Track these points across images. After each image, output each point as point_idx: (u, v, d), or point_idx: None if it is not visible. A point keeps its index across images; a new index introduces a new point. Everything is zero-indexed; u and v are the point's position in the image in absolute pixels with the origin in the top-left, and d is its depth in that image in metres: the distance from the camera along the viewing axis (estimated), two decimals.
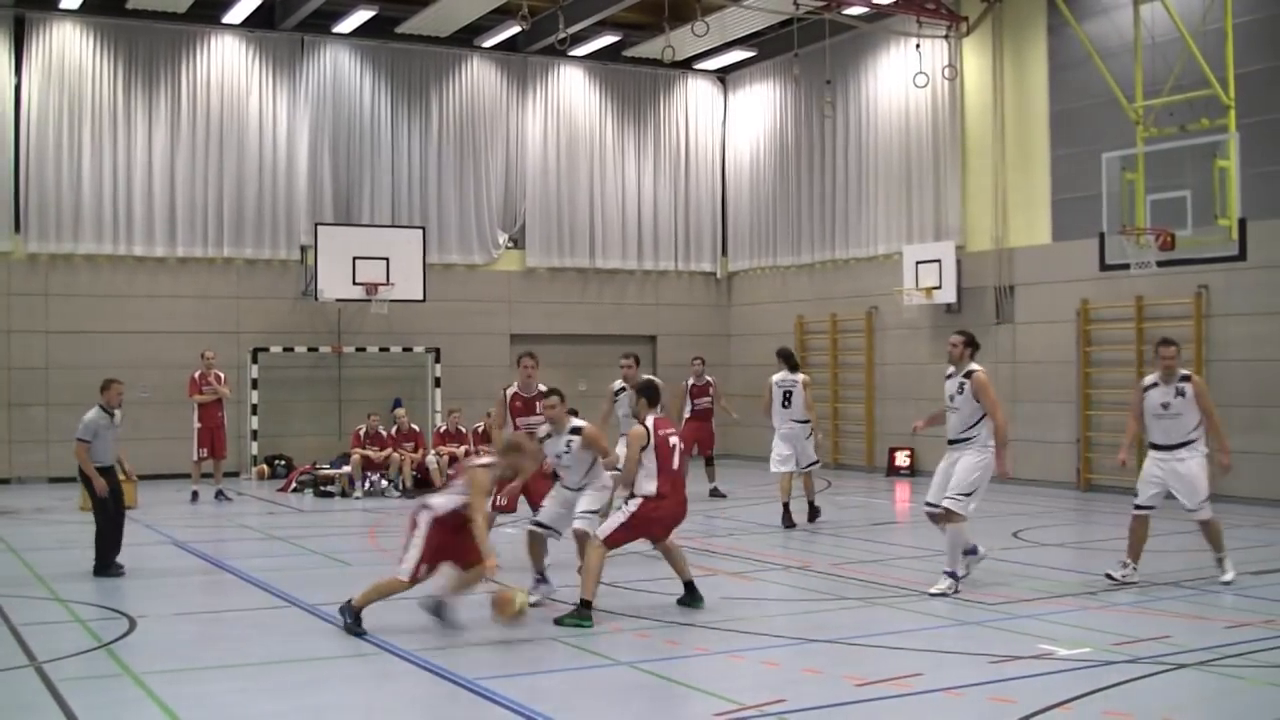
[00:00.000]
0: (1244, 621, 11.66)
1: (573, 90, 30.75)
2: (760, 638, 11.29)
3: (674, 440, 12.48)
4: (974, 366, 13.60)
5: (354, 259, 26.25)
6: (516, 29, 26.37)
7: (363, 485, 23.59)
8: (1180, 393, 13.63)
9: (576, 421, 13.17)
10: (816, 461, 19.39)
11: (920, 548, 16.46)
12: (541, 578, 12.99)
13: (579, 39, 28.56)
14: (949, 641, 11.17)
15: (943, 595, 13.07)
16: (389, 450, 23.92)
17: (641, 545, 13.24)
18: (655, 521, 12.40)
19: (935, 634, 11.45)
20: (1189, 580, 13.89)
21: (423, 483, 23.45)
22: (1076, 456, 23.63)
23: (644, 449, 12.26)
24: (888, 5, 25.32)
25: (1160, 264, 19.13)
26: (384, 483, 23.68)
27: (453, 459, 23.84)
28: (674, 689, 9.62)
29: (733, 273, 32.46)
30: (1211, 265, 20.01)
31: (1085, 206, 21.87)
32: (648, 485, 12.23)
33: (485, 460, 12.03)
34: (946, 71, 25.72)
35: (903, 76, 26.84)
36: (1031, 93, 24.73)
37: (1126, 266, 19.56)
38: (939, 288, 25.58)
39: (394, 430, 24.39)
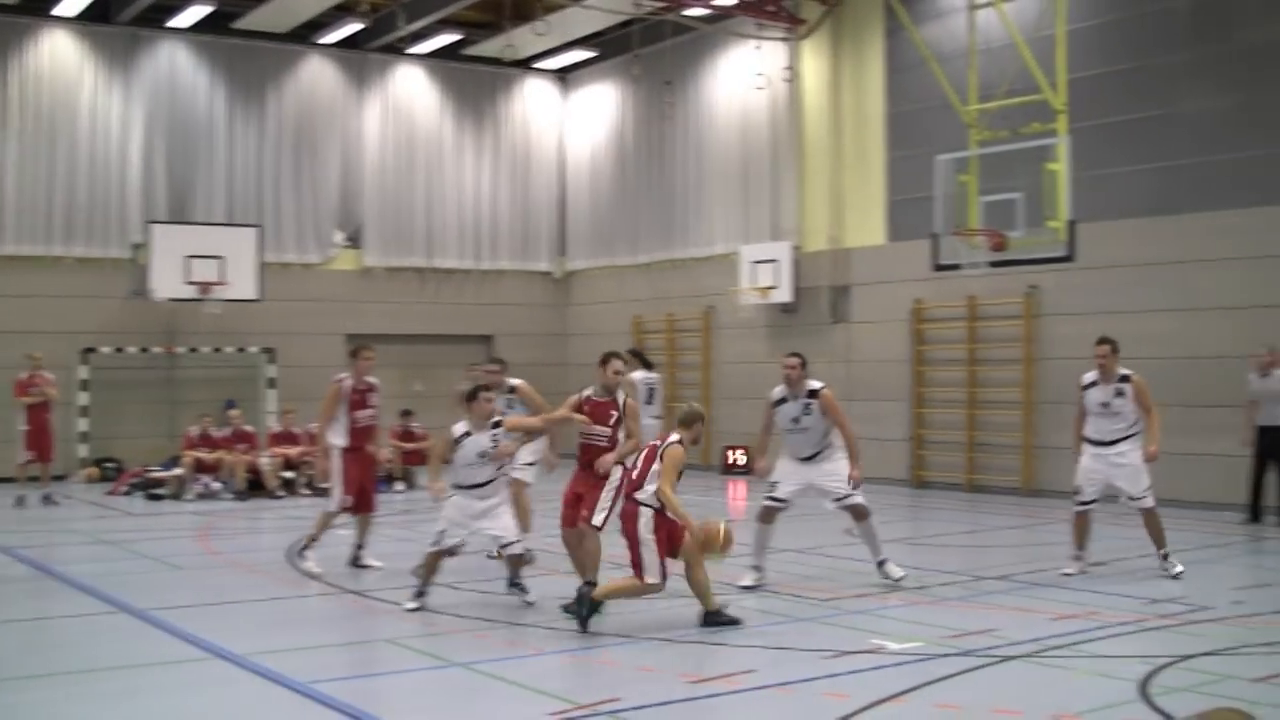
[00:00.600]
0: (1068, 614, 11.84)
1: (412, 88, 30.46)
2: (595, 637, 11.20)
3: None
4: (815, 384, 13.93)
5: (188, 257, 25.71)
6: (356, 26, 26.08)
7: (195, 488, 23.13)
8: (1120, 393, 13.92)
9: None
10: None
11: (751, 545, 16.53)
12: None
13: (419, 37, 28.33)
14: (782, 638, 11.20)
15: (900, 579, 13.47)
16: (222, 452, 23.47)
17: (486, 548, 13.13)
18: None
19: (769, 631, 11.47)
20: (1016, 575, 14.09)
21: (256, 485, 23.08)
22: (909, 454, 23.94)
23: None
24: (727, 7, 25.46)
25: (992, 264, 19.42)
26: (217, 485, 23.23)
27: (288, 461, 23.54)
28: (509, 689, 9.51)
29: (570, 272, 32.41)
30: (1042, 266, 20.36)
31: (919, 208, 22.15)
32: None
33: (674, 437, 11.83)
34: (785, 74, 25.92)
35: (742, 78, 27.00)
36: (868, 95, 25.01)
37: (959, 267, 19.82)
38: (775, 287, 25.76)
39: (228, 432, 23.95)
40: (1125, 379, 13.91)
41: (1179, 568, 13.76)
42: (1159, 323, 20.25)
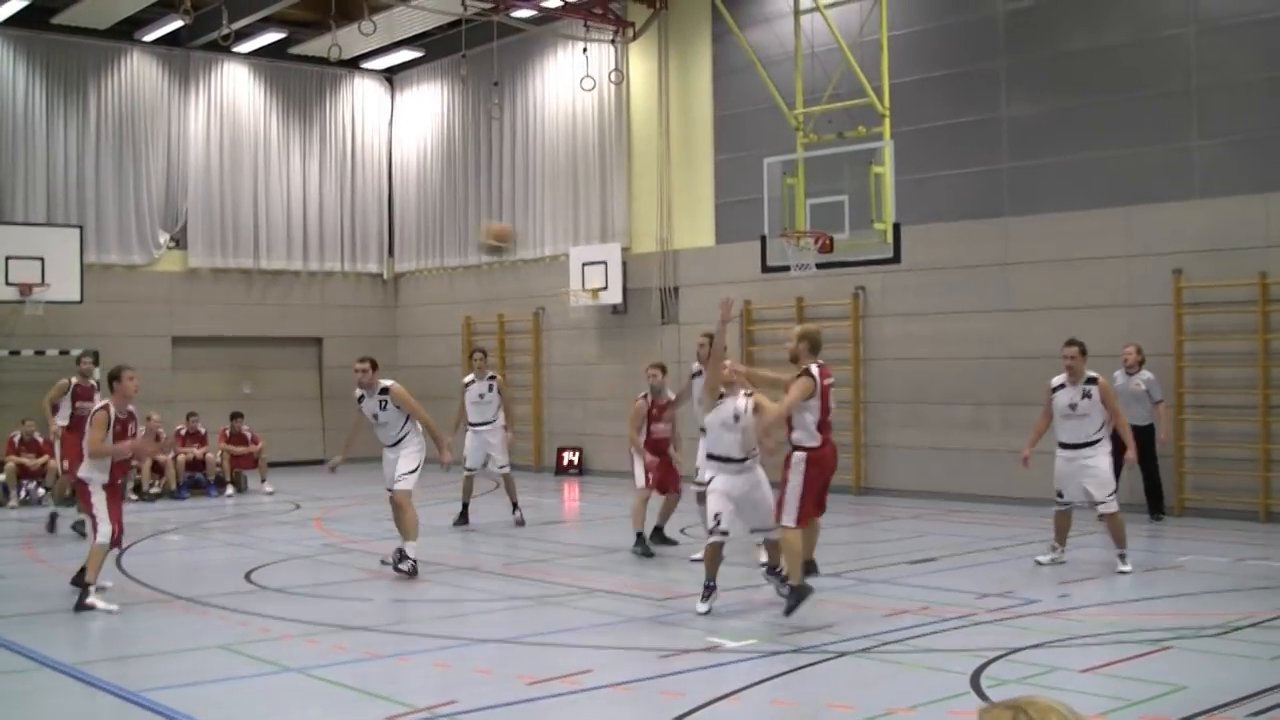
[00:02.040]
0: (901, 609, 12.04)
1: (237, 87, 30.00)
2: (431, 639, 11.16)
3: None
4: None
5: (6, 258, 25.05)
6: (179, 23, 25.57)
7: (18, 494, 22.54)
8: (1087, 394, 14.14)
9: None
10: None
11: (590, 546, 16.62)
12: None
13: (243, 35, 27.88)
14: (619, 638, 11.23)
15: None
16: (46, 457, 22.89)
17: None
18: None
19: (605, 631, 11.49)
20: (850, 571, 14.30)
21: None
22: None
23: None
24: (555, 9, 25.47)
25: (819, 266, 19.62)
26: (41, 491, 22.68)
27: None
28: (345, 694, 9.42)
29: (399, 274, 32.19)
30: (868, 267, 20.66)
31: (747, 210, 22.35)
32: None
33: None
34: (613, 76, 26.00)
35: (570, 80, 27.02)
36: (696, 98, 25.19)
37: (787, 268, 20.01)
38: (605, 289, 25.83)
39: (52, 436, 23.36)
40: (1092, 380, 14.19)
41: (1128, 568, 14.07)
42: (982, 323, 20.70)
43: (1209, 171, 18.53)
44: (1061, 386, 14.38)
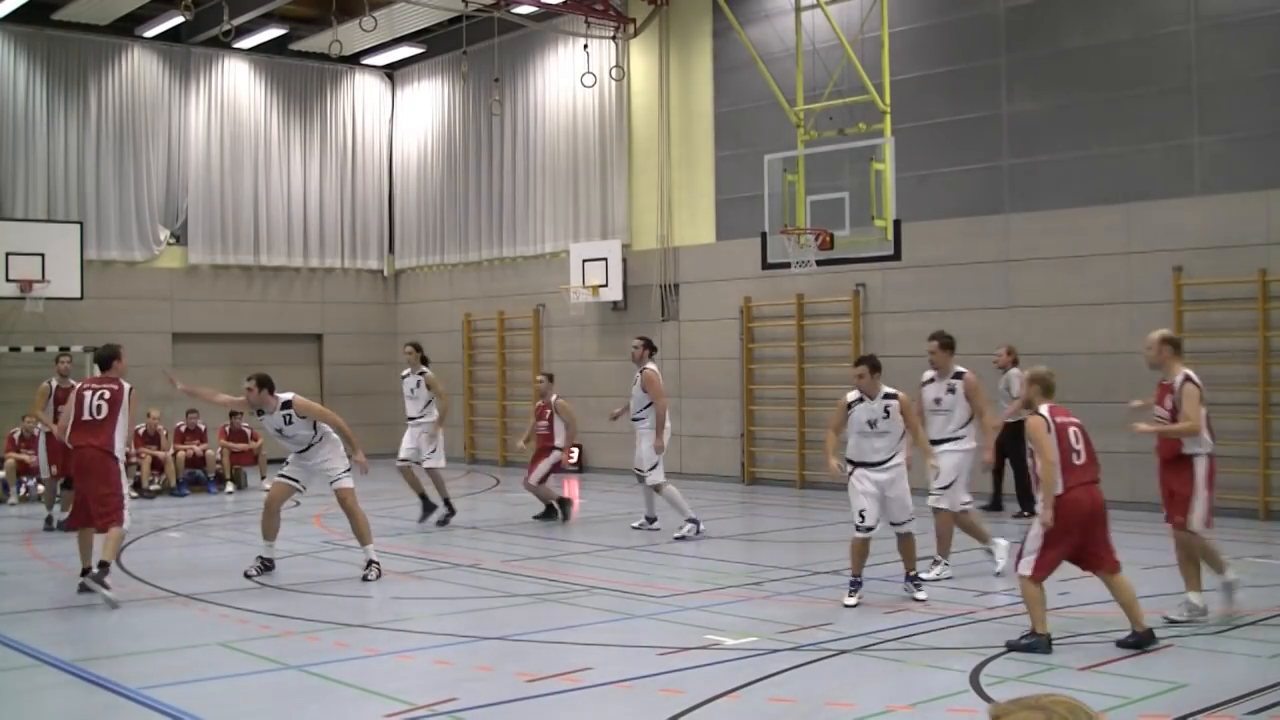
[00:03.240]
0: (900, 607, 12.05)
1: (237, 83, 30.00)
2: (431, 637, 11.17)
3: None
4: (648, 365, 17.36)
5: (6, 254, 25.04)
6: (179, 19, 25.55)
7: (18, 491, 22.52)
8: (951, 389, 13.84)
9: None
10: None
11: (590, 543, 16.63)
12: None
13: (244, 31, 27.88)
14: (618, 635, 11.22)
15: (684, 539, 16.68)
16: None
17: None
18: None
19: (604, 628, 11.49)
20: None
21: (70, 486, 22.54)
22: (741, 450, 24.15)
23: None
24: (556, 5, 25.46)
25: (820, 263, 19.63)
26: (40, 487, 22.64)
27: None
28: (345, 691, 9.42)
29: (400, 270, 32.19)
30: (868, 264, 20.69)
31: (748, 207, 22.36)
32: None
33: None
34: (614, 72, 25.98)
35: (571, 76, 27.01)
36: (697, 94, 25.18)
37: (787, 265, 20.01)
38: (605, 286, 25.82)
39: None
40: (959, 375, 13.82)
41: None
42: (983, 320, 20.67)
43: (1209, 168, 18.53)
44: (931, 380, 14.03)
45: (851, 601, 12.22)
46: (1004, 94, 20.67)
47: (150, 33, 28.28)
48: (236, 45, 28.75)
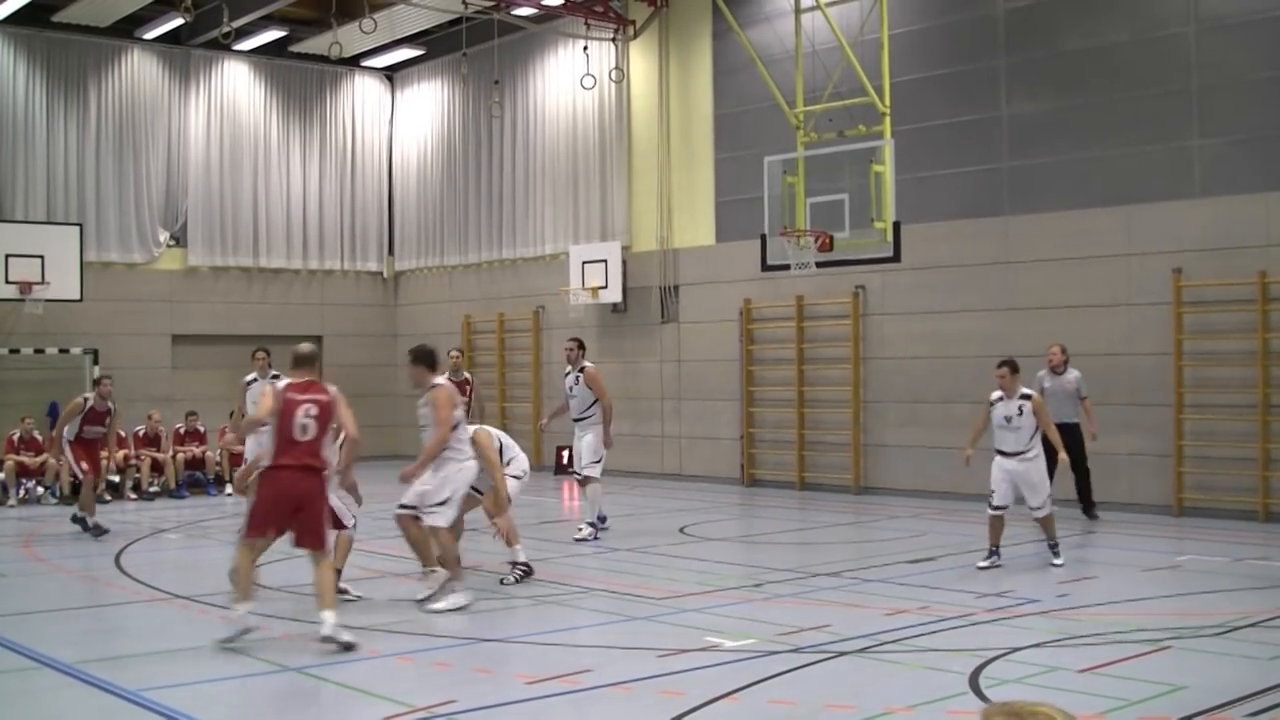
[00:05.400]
0: (900, 609, 12.03)
1: (237, 85, 29.96)
2: (430, 639, 11.15)
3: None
4: (586, 364, 17.89)
5: (6, 256, 24.99)
6: (179, 21, 25.53)
7: (17, 493, 22.53)
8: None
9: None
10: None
11: (590, 545, 16.62)
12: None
13: (244, 33, 27.86)
14: (618, 637, 11.22)
15: (585, 540, 16.79)
16: (45, 456, 22.87)
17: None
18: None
19: (604, 630, 11.49)
20: (848, 571, 14.29)
21: (80, 489, 22.53)
22: (740, 452, 24.14)
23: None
24: (555, 7, 25.46)
25: (819, 265, 19.60)
26: (40, 490, 22.67)
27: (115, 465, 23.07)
28: (344, 693, 9.41)
29: (399, 272, 32.17)
30: (868, 266, 20.66)
31: (747, 208, 22.34)
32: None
33: None
34: (613, 74, 25.98)
35: (571, 78, 27.00)
36: (696, 96, 25.18)
37: (787, 267, 19.98)
38: (605, 287, 25.80)
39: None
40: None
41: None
42: (982, 322, 20.69)
43: (1209, 170, 18.52)
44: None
45: (984, 564, 14.30)
46: (1003, 96, 20.67)
47: (150, 35, 28.24)
48: (236, 47, 28.71)
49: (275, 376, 18.87)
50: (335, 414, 11.19)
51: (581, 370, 17.79)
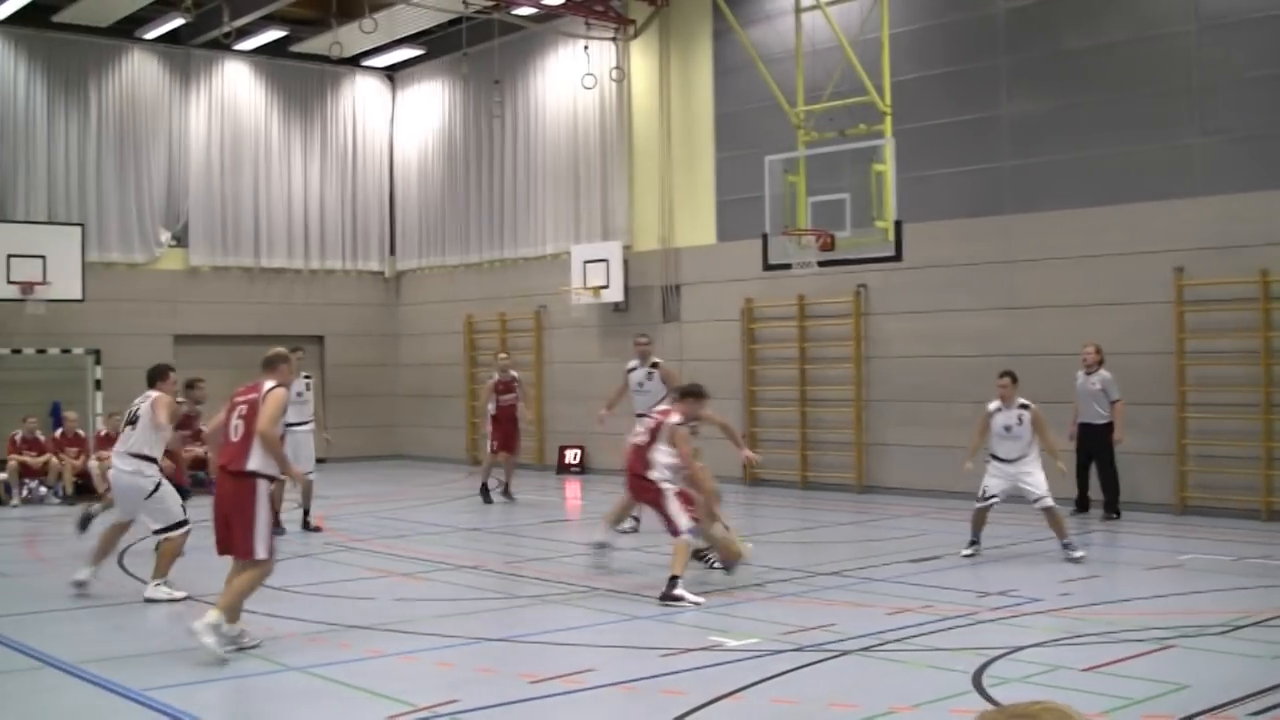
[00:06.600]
0: (903, 608, 12.04)
1: (238, 85, 29.97)
2: (433, 638, 11.16)
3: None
4: (659, 360, 18.43)
5: (8, 256, 25.00)
6: (179, 21, 25.55)
7: (20, 493, 22.54)
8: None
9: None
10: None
11: (590, 545, 16.61)
12: None
13: (244, 33, 27.87)
14: (621, 636, 11.24)
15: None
16: (48, 455, 22.88)
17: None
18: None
19: (607, 629, 11.50)
20: (851, 570, 14.29)
21: (84, 489, 22.54)
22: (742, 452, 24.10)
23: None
24: (556, 6, 25.47)
25: (821, 264, 19.58)
26: (43, 490, 22.67)
27: None
28: (347, 692, 9.42)
29: (401, 272, 32.17)
30: (869, 265, 20.63)
31: (749, 208, 22.31)
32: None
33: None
34: (614, 73, 26.00)
35: (571, 78, 27.00)
36: (697, 96, 25.18)
37: (789, 266, 19.96)
38: (606, 287, 25.80)
39: (59, 434, 23.37)
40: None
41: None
42: (984, 321, 20.70)
43: (1210, 169, 18.52)
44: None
45: (967, 553, 14.96)
46: (1004, 95, 20.68)
47: (151, 35, 28.25)
48: (237, 47, 28.71)
49: (307, 377, 18.95)
50: (260, 409, 11.13)
51: (654, 366, 18.28)
